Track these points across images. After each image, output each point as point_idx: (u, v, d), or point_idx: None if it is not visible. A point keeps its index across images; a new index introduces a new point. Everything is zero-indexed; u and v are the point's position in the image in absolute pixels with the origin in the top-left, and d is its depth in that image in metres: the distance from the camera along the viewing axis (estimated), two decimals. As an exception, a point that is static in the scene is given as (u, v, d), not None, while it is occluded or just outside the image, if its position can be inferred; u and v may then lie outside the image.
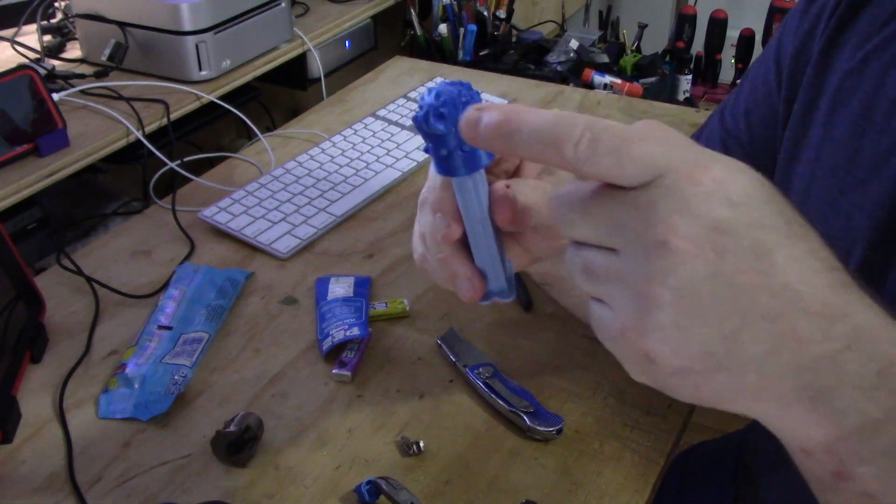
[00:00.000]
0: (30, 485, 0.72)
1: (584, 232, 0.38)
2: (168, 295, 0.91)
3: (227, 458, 0.72)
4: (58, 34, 1.40)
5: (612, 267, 0.37)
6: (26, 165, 1.06)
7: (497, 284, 0.49)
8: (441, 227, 0.48)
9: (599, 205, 0.37)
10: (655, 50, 1.97)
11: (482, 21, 1.76)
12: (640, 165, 0.36)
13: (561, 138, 0.36)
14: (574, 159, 0.36)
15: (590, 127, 0.36)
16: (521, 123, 0.37)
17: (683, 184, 0.35)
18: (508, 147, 0.38)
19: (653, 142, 0.36)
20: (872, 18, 0.64)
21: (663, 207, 0.35)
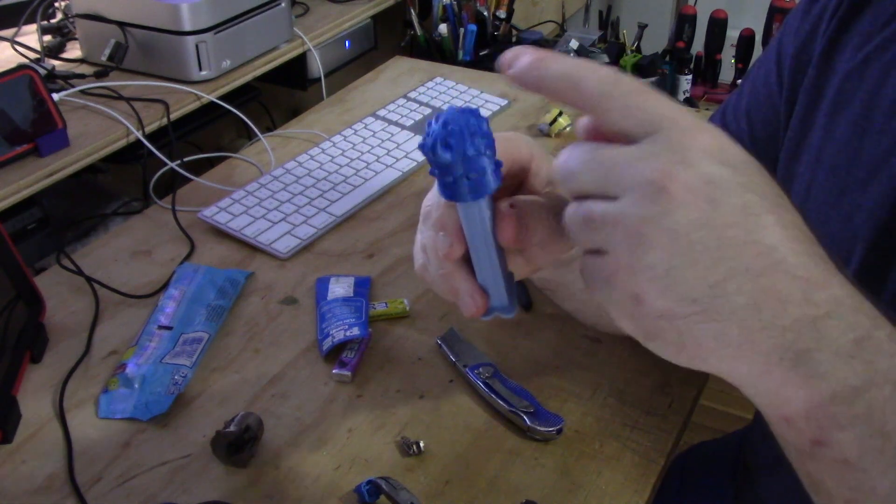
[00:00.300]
0: (30, 485, 0.72)
1: (587, 180, 0.40)
2: (168, 295, 0.91)
3: (227, 458, 0.72)
4: (58, 34, 1.40)
5: (610, 211, 0.39)
6: (26, 165, 1.06)
7: (499, 301, 0.49)
8: (443, 246, 0.48)
9: (603, 154, 0.39)
10: (655, 50, 1.97)
11: (482, 21, 1.76)
12: (648, 114, 0.38)
13: (586, 77, 0.39)
14: (594, 96, 0.39)
15: (609, 73, 0.39)
16: (552, 62, 0.40)
17: (685, 138, 0.38)
18: (537, 82, 0.41)
19: (660, 98, 0.39)
20: (873, 19, 0.64)
21: (665, 157, 0.37)
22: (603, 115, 0.40)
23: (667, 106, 0.39)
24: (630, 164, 0.38)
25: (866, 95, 0.62)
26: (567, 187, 0.41)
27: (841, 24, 0.66)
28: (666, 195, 0.37)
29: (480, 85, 1.38)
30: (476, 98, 1.33)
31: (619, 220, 0.38)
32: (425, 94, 1.34)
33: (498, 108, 1.31)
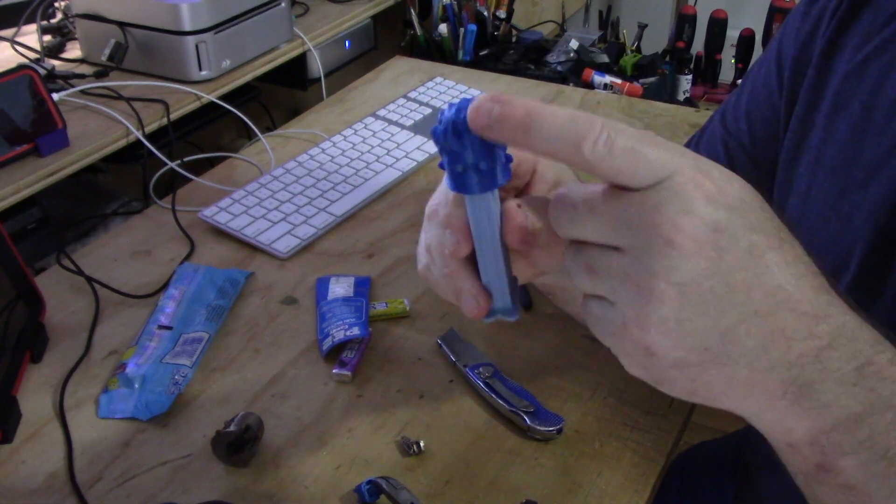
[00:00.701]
0: (30, 485, 0.72)
1: (588, 230, 0.39)
2: (168, 295, 0.91)
3: (227, 458, 0.72)
4: (58, 34, 1.40)
5: (615, 264, 0.38)
6: (26, 165, 1.06)
7: (502, 303, 0.49)
8: (450, 243, 0.47)
9: (606, 204, 0.38)
10: (655, 50, 1.97)
11: (482, 21, 1.76)
12: (651, 167, 0.37)
13: (580, 136, 0.38)
14: (591, 157, 0.38)
15: (607, 127, 0.38)
16: (543, 119, 0.39)
17: (688, 187, 0.37)
18: (526, 141, 0.39)
19: (661, 146, 0.38)
20: (872, 19, 0.64)
21: (670, 208, 0.37)
22: (600, 172, 0.38)
23: (666, 153, 0.38)
24: (634, 218, 0.38)
25: (866, 96, 0.62)
26: (565, 233, 0.41)
27: (840, 24, 0.66)
28: (674, 249, 0.37)
29: (480, 85, 1.38)
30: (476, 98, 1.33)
31: (625, 274, 0.38)
32: (425, 94, 1.34)
33: (498, 108, 1.31)
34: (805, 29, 0.69)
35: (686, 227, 0.37)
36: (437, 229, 0.49)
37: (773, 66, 0.72)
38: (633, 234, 0.38)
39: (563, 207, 0.40)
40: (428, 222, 0.51)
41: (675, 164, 0.38)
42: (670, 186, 0.37)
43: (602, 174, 0.38)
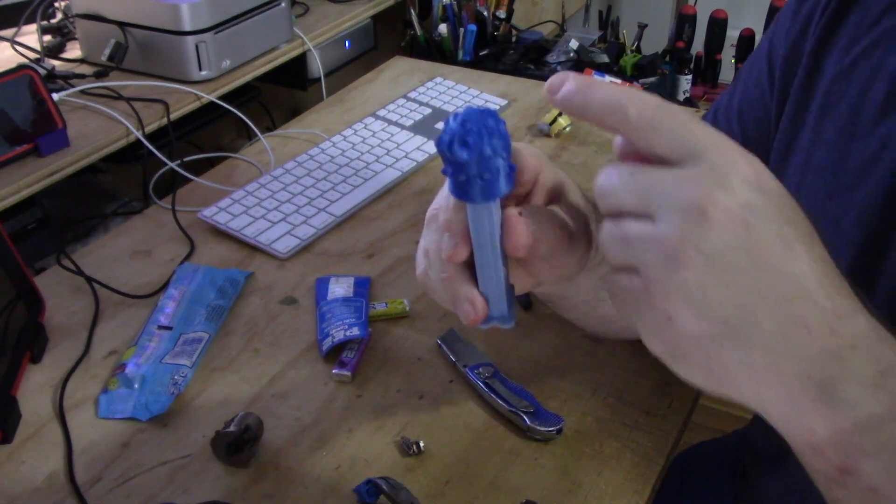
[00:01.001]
0: (29, 485, 0.72)
1: (626, 199, 0.41)
2: (168, 295, 0.91)
3: (227, 458, 0.72)
4: (58, 34, 1.40)
5: (647, 231, 0.39)
6: (26, 165, 1.06)
7: (499, 310, 0.49)
8: (448, 247, 0.48)
9: (645, 174, 0.40)
10: (655, 50, 1.97)
11: (482, 21, 1.76)
12: (690, 140, 0.39)
13: (630, 104, 0.40)
14: (637, 122, 0.40)
15: (654, 98, 0.40)
16: (596, 89, 0.42)
17: (725, 164, 0.39)
18: (582, 108, 0.42)
19: (701, 125, 0.40)
20: (859, 20, 0.63)
21: (705, 181, 0.38)
22: (645, 141, 0.40)
23: (708, 132, 0.40)
24: (671, 186, 0.39)
25: (854, 99, 0.62)
26: (606, 204, 0.42)
27: (829, 24, 0.65)
28: (705, 218, 0.38)
29: (480, 85, 1.38)
30: (476, 98, 1.33)
31: (656, 239, 0.39)
32: (425, 94, 1.34)
33: (498, 108, 1.31)
34: (795, 28, 0.68)
35: (720, 200, 0.38)
36: (436, 234, 0.50)
37: (764, 66, 0.72)
38: (668, 201, 0.39)
39: (610, 180, 0.42)
40: (427, 227, 0.51)
41: (715, 141, 0.40)
42: (710, 161, 0.39)
43: (645, 141, 0.40)
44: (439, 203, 0.50)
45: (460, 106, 1.31)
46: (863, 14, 0.63)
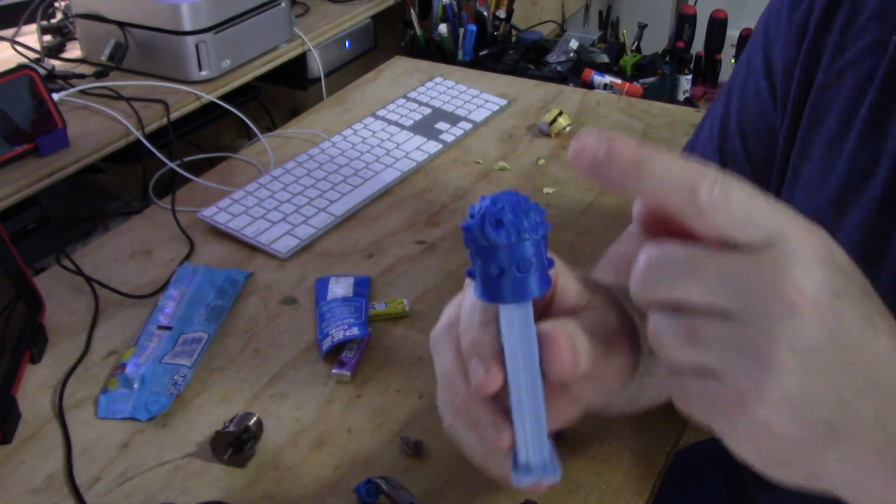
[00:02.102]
0: (29, 485, 0.72)
1: (694, 291, 0.35)
2: (168, 295, 0.91)
3: (227, 458, 0.72)
4: (58, 34, 1.40)
5: (727, 330, 0.34)
6: (26, 165, 1.06)
7: (540, 456, 0.41)
8: (477, 375, 0.39)
9: (716, 262, 0.35)
10: (655, 50, 1.97)
11: (482, 21, 1.76)
12: (766, 222, 0.35)
13: (696, 180, 0.34)
14: (707, 203, 0.34)
15: (722, 175, 0.35)
16: (657, 160, 0.35)
17: (805, 248, 0.34)
18: (637, 183, 0.35)
19: (769, 202, 0.35)
20: (844, 29, 0.60)
21: (792, 270, 0.34)
22: (713, 222, 0.35)
23: (778, 210, 0.35)
24: (752, 277, 0.34)
25: (841, 112, 0.59)
26: (658, 294, 0.36)
27: (816, 33, 0.62)
28: (795, 312, 0.33)
29: (480, 85, 1.38)
30: (476, 98, 1.33)
31: (740, 342, 0.34)
32: (425, 94, 1.34)
33: (498, 108, 1.31)
34: (791, 38, 0.64)
35: (809, 290, 0.34)
36: (454, 360, 0.41)
37: (762, 80, 0.68)
38: (749, 296, 0.34)
39: (661, 265, 0.35)
40: (438, 353, 0.43)
41: (787, 221, 0.35)
42: (787, 245, 0.34)
43: (714, 225, 0.34)
44: (451, 320, 0.42)
45: (460, 106, 1.31)
46: (847, 22, 0.60)
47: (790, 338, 0.34)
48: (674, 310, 0.35)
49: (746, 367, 0.34)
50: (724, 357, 0.34)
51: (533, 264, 0.37)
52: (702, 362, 0.35)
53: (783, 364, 0.34)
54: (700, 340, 0.35)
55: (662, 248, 0.35)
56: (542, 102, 1.34)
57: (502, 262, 0.37)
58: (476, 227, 0.37)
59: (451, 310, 0.43)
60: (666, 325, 0.36)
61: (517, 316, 0.37)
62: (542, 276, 0.37)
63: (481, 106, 1.31)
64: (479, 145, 1.23)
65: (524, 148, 1.22)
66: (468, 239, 0.37)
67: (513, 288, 0.37)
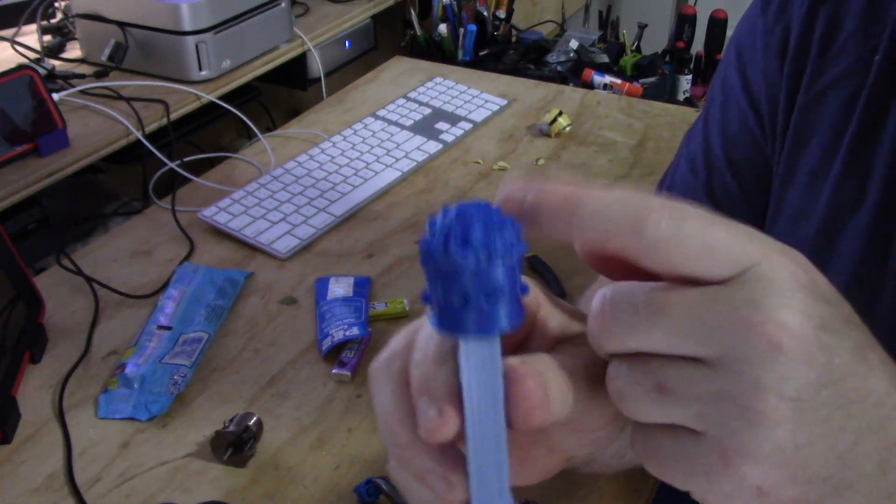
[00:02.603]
0: (29, 485, 0.72)
1: (659, 338, 0.29)
2: (168, 295, 0.91)
3: (227, 458, 0.72)
4: (58, 34, 1.40)
5: (701, 380, 0.29)
6: (26, 165, 1.06)
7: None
8: (428, 419, 0.31)
9: (681, 303, 0.29)
10: (655, 50, 1.97)
11: (482, 21, 1.76)
12: (731, 251, 0.29)
13: (638, 214, 0.29)
14: (655, 238, 0.29)
15: (668, 204, 0.29)
16: (588, 199, 0.30)
17: (782, 276, 0.29)
18: (571, 227, 0.30)
19: (731, 225, 0.30)
20: (822, 48, 0.57)
21: (769, 303, 0.29)
22: (666, 259, 0.29)
23: (743, 235, 0.30)
24: (725, 315, 0.28)
25: (825, 136, 0.56)
26: (620, 343, 0.30)
27: (797, 54, 0.59)
28: (783, 355, 0.28)
29: (480, 85, 1.38)
30: (476, 98, 1.33)
31: (718, 392, 0.29)
32: (425, 94, 1.34)
33: (498, 107, 1.31)
34: (771, 65, 0.61)
35: (792, 325, 0.29)
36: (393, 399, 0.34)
37: (747, 110, 0.63)
38: (723, 338, 0.29)
39: (618, 309, 0.30)
40: (379, 387, 0.35)
41: (757, 247, 0.30)
42: (761, 275, 0.29)
43: (668, 263, 0.29)
44: (396, 351, 0.34)
45: (460, 106, 1.31)
46: (825, 42, 0.57)
47: (776, 383, 0.29)
48: (637, 359, 0.30)
49: (729, 421, 0.29)
50: (702, 411, 0.29)
51: (504, 293, 0.30)
52: (675, 418, 0.30)
53: (772, 414, 0.29)
54: (671, 393, 0.30)
55: (618, 290, 0.30)
56: (542, 102, 1.34)
57: (467, 289, 0.30)
58: (437, 246, 0.29)
59: (399, 338, 0.35)
60: (629, 377, 0.30)
61: (481, 353, 0.30)
62: (513, 307, 0.30)
63: (481, 106, 1.31)
64: (479, 145, 1.23)
65: (524, 148, 1.22)
66: (426, 260, 0.30)
67: (478, 320, 0.30)
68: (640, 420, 0.31)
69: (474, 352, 0.30)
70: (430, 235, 0.30)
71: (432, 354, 0.32)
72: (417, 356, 0.33)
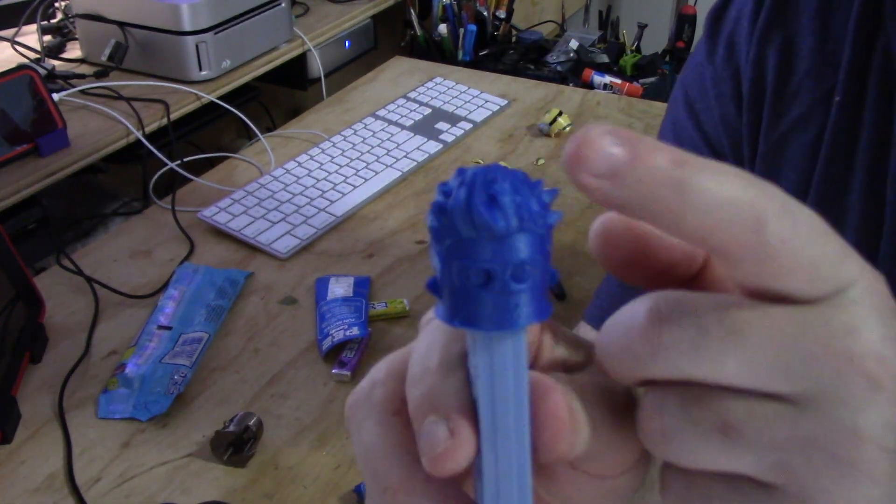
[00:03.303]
0: (29, 485, 0.72)
1: (731, 368, 0.23)
2: (168, 295, 0.91)
3: (227, 458, 0.72)
4: (58, 34, 1.40)
5: (783, 421, 0.23)
6: (26, 165, 1.06)
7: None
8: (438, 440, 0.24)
9: (766, 326, 0.23)
10: (655, 50, 1.97)
11: (482, 21, 1.76)
12: (836, 267, 0.23)
13: (762, 207, 0.22)
14: (778, 240, 0.22)
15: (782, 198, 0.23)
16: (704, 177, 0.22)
17: (877, 300, 0.24)
18: (678, 211, 0.22)
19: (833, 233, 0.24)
20: (777, 90, 0.54)
21: (870, 334, 0.23)
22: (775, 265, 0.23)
23: (844, 248, 0.24)
24: (820, 341, 0.23)
25: (790, 184, 0.53)
26: (670, 366, 0.23)
27: (752, 100, 0.56)
28: (881, 393, 0.23)
29: (480, 85, 1.38)
30: (476, 98, 1.33)
31: (810, 438, 0.23)
32: (425, 94, 1.34)
33: (498, 108, 1.31)
34: (729, 111, 0.57)
35: (891, 358, 0.23)
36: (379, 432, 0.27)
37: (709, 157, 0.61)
38: (816, 372, 0.23)
39: (677, 328, 0.23)
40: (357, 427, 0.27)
41: (855, 264, 0.24)
42: (859, 299, 0.24)
43: (765, 273, 0.23)
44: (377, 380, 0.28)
45: (460, 106, 1.31)
46: (780, 83, 0.54)
47: (877, 430, 0.23)
48: (691, 392, 0.23)
49: (816, 474, 0.23)
50: (781, 460, 0.23)
51: (535, 271, 0.23)
52: (743, 467, 0.24)
53: (870, 468, 0.23)
54: (740, 436, 0.23)
55: (675, 302, 0.23)
56: (542, 102, 1.34)
57: (491, 261, 0.22)
58: (457, 204, 0.22)
59: (379, 368, 0.29)
60: (680, 413, 0.23)
61: (503, 350, 0.23)
62: (543, 294, 0.23)
63: (481, 106, 1.31)
64: (479, 145, 1.23)
65: (524, 148, 1.22)
66: (439, 224, 0.22)
67: (503, 306, 0.23)
68: (688, 466, 0.24)
69: (496, 349, 0.23)
70: (443, 196, 0.23)
71: (436, 365, 0.26)
72: (416, 371, 0.26)
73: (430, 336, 0.27)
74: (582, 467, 0.26)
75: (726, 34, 0.57)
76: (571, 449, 0.24)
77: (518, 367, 0.23)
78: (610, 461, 0.26)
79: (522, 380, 0.23)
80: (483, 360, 0.23)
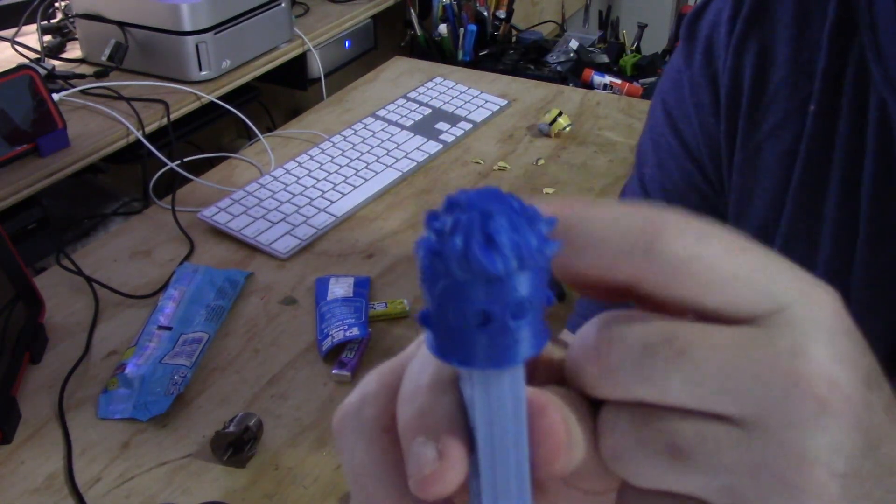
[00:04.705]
0: (29, 485, 0.72)
1: (677, 389, 0.23)
2: (168, 295, 0.91)
3: (227, 458, 0.72)
4: (58, 34, 1.40)
5: (732, 445, 0.23)
6: (26, 165, 1.06)
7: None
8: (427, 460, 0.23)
9: (710, 346, 0.23)
10: (655, 50, 1.97)
11: (482, 21, 1.76)
12: (765, 284, 0.23)
13: (653, 229, 0.23)
14: (671, 261, 0.23)
15: (687, 220, 0.23)
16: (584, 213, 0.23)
17: (823, 318, 0.23)
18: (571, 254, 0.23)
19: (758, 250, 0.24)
20: (753, 99, 0.54)
21: (817, 354, 0.23)
22: (679, 288, 0.23)
23: (777, 264, 0.24)
24: (765, 361, 0.22)
25: (767, 195, 0.53)
26: (621, 388, 0.23)
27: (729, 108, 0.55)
28: (829, 416, 0.23)
29: (480, 85, 1.38)
30: (476, 98, 1.33)
31: (757, 458, 0.23)
32: (425, 95, 1.34)
33: (498, 108, 1.31)
34: (708, 121, 0.57)
35: (842, 381, 0.23)
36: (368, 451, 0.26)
37: (690, 168, 0.59)
38: (763, 394, 0.23)
39: (625, 349, 0.23)
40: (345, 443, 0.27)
41: (793, 280, 0.24)
42: (803, 317, 0.23)
43: (684, 291, 0.23)
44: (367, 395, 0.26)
45: (460, 106, 1.31)
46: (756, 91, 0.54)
47: (826, 454, 0.23)
48: (641, 410, 0.23)
49: (766, 498, 0.23)
50: (731, 484, 0.23)
51: (534, 306, 0.22)
52: (693, 489, 0.23)
53: (819, 492, 0.23)
54: (690, 459, 0.23)
55: (624, 321, 0.23)
56: (542, 102, 1.34)
57: (490, 304, 0.22)
58: (453, 249, 0.21)
59: (369, 381, 0.27)
60: (630, 433, 0.23)
61: (501, 386, 0.23)
62: (541, 320, 0.23)
63: (481, 106, 1.31)
64: (479, 145, 1.23)
65: (524, 148, 1.22)
66: (431, 267, 0.22)
67: (501, 344, 0.22)
68: (639, 486, 0.24)
69: (494, 383, 0.23)
70: (434, 234, 0.22)
71: (427, 384, 0.25)
72: (407, 388, 0.25)
73: (424, 351, 0.25)
74: (574, 483, 0.25)
75: (703, 39, 0.56)
76: (567, 465, 0.24)
77: (516, 398, 0.23)
78: (602, 477, 0.25)
79: (521, 410, 0.23)
80: (480, 395, 0.23)
